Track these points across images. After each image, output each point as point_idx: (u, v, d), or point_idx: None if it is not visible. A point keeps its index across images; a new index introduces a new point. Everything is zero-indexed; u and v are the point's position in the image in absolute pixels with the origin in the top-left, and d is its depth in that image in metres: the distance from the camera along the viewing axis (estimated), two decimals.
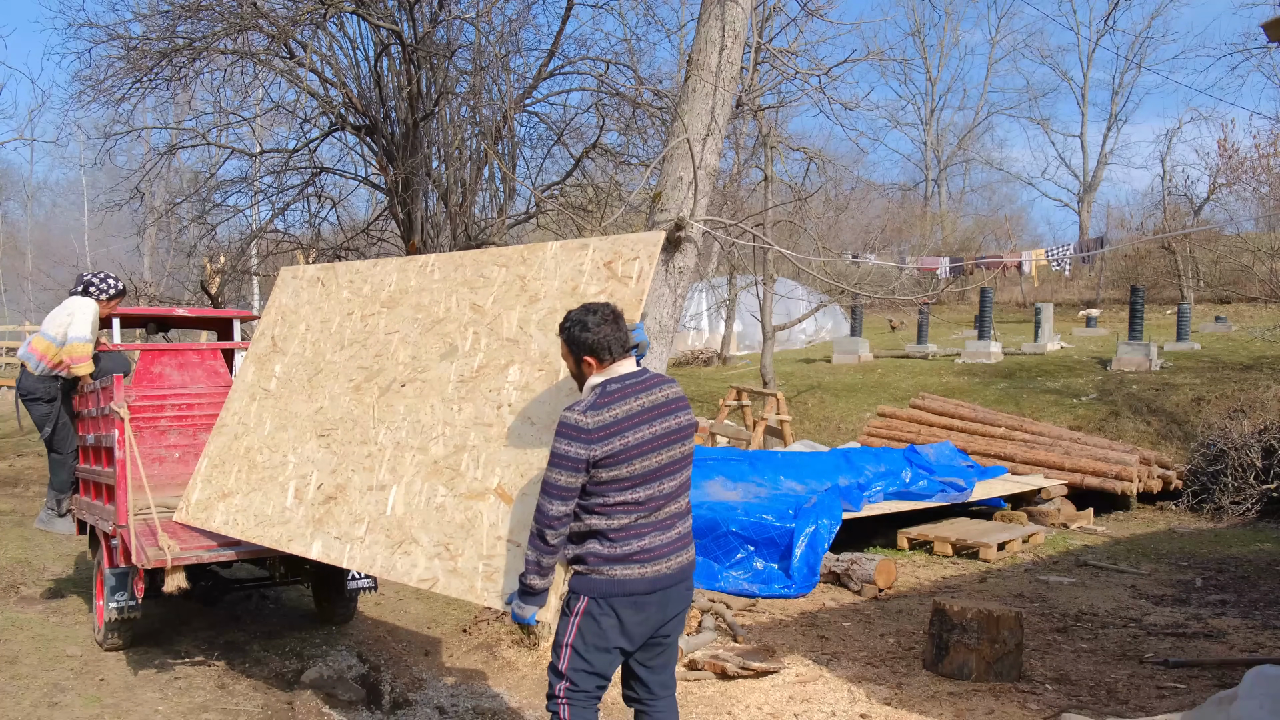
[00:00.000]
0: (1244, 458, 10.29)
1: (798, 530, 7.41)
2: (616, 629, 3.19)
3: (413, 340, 4.39)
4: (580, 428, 3.08)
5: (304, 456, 4.58)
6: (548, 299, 3.91)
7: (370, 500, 4.16)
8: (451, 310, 4.29)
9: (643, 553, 3.18)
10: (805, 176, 15.84)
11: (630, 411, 3.15)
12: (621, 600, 3.17)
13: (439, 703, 4.78)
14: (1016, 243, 34.30)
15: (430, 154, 12.16)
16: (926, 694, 5.03)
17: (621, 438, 3.11)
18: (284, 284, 5.38)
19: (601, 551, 3.17)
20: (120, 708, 4.68)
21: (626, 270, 3.73)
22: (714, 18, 5.61)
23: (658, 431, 3.19)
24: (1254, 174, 23.65)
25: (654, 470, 3.19)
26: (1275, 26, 4.56)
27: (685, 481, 3.34)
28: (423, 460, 4.04)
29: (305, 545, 4.33)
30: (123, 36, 11.49)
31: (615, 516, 3.16)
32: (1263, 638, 6.12)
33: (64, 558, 7.82)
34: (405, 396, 4.26)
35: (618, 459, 3.11)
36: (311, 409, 4.69)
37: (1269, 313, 20.37)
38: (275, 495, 4.61)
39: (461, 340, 4.16)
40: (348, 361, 4.66)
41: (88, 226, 33.75)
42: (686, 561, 3.30)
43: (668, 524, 3.25)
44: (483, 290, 4.20)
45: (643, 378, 3.25)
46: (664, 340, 5.72)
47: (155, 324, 7.42)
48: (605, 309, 3.27)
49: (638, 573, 3.17)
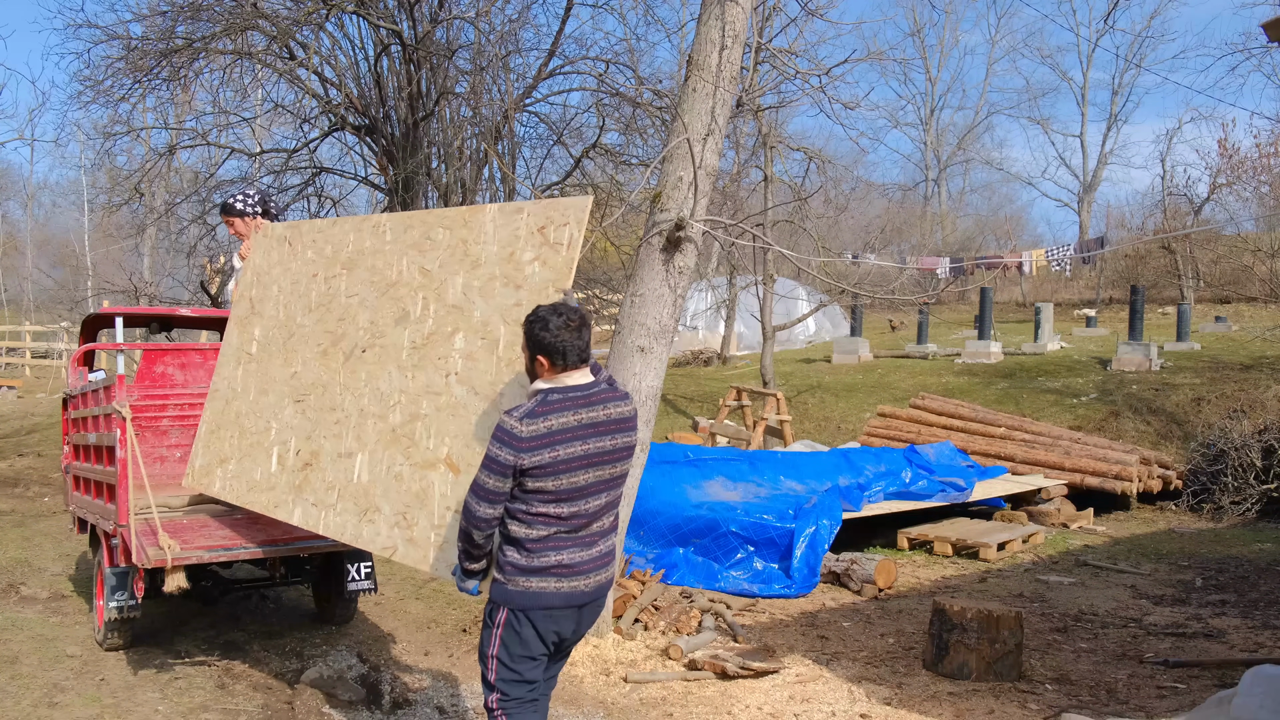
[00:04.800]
0: (1244, 458, 10.29)
1: (798, 530, 7.41)
2: (536, 638, 3.23)
3: (370, 304, 4.39)
4: (513, 434, 3.08)
5: (284, 422, 4.63)
6: (487, 264, 3.89)
7: (340, 467, 4.22)
8: (403, 274, 4.27)
9: (560, 567, 3.19)
10: (805, 176, 15.83)
11: (566, 425, 3.13)
12: (537, 613, 3.20)
13: (439, 703, 4.78)
14: (1016, 243, 34.31)
15: (430, 154, 12.17)
16: (926, 694, 5.03)
17: (552, 450, 3.10)
18: (258, 244, 5.35)
19: (519, 561, 3.18)
20: (120, 708, 4.68)
21: (558, 236, 3.68)
22: (714, 18, 5.61)
23: (590, 450, 3.16)
24: (1254, 174, 23.67)
25: (580, 488, 3.17)
26: (1275, 26, 4.56)
27: (614, 500, 3.34)
28: (383, 428, 4.08)
29: (288, 512, 4.41)
30: (122, 37, 11.49)
31: (536, 527, 3.16)
32: (1263, 638, 6.12)
33: (64, 558, 7.82)
34: (366, 362, 4.29)
35: (545, 471, 3.10)
36: (287, 374, 4.72)
37: (1269, 313, 20.38)
38: (262, 461, 4.68)
39: (413, 305, 4.17)
40: (315, 325, 4.67)
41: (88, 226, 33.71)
42: (605, 580, 3.32)
43: (589, 541, 3.25)
44: (430, 253, 4.17)
45: (590, 392, 3.21)
46: (664, 340, 5.73)
47: (157, 324, 7.42)
48: (574, 314, 3.23)
49: (554, 586, 3.18)
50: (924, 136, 43.58)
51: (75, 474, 6.68)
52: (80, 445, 6.52)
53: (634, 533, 7.66)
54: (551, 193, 12.79)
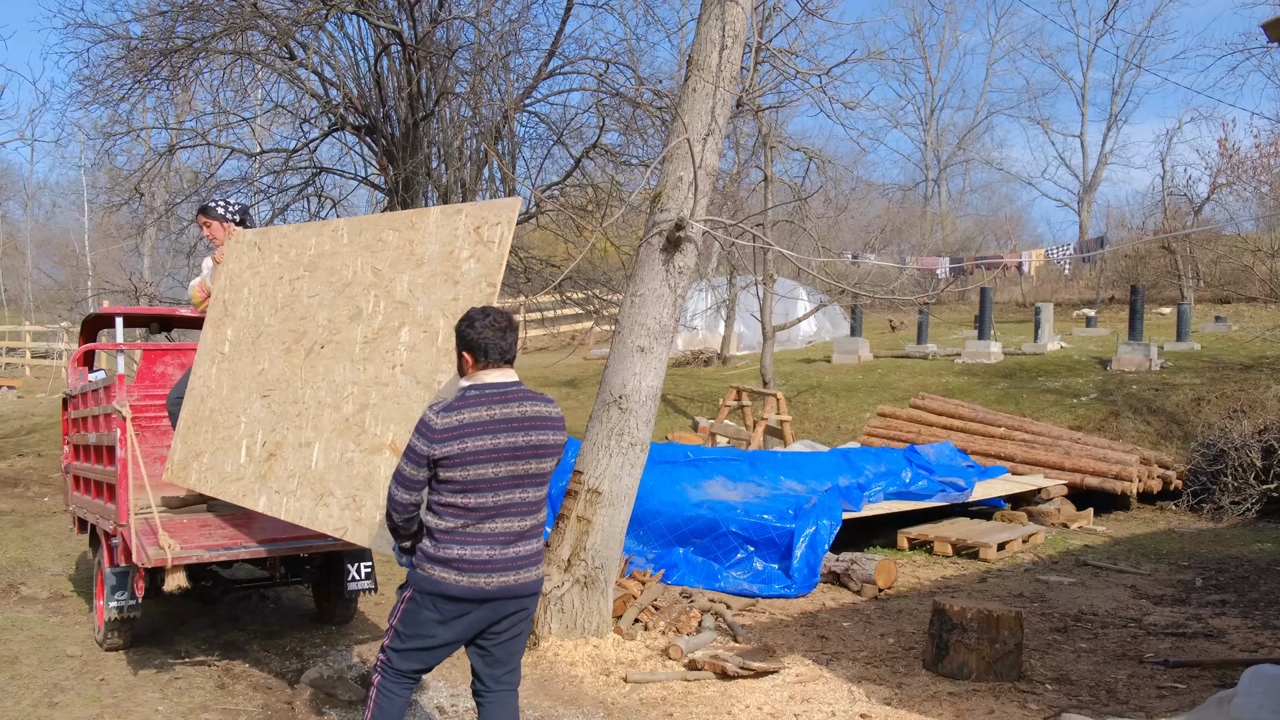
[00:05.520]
0: (1244, 458, 10.29)
1: (798, 530, 7.41)
2: (435, 622, 3.37)
3: (328, 303, 4.68)
4: (430, 425, 3.28)
5: (252, 416, 4.90)
6: (430, 263, 4.21)
7: (300, 456, 4.52)
8: (357, 274, 4.57)
9: (462, 561, 3.31)
10: (805, 176, 15.82)
11: (478, 419, 3.29)
12: (437, 599, 3.34)
13: (439, 703, 4.78)
14: (1016, 243, 34.28)
15: (430, 154, 12.16)
16: (926, 694, 5.03)
17: (461, 442, 3.26)
18: (231, 250, 5.59)
19: (428, 549, 3.36)
20: (120, 708, 4.68)
21: (490, 235, 4.01)
22: (714, 18, 5.61)
23: (501, 444, 3.30)
24: (1254, 174, 23.67)
25: (489, 480, 3.30)
26: (1275, 26, 4.56)
27: (533, 501, 3.42)
28: (337, 418, 4.38)
29: (255, 500, 4.69)
30: (122, 37, 11.49)
31: (444, 517, 3.33)
32: (1263, 638, 6.12)
33: (64, 558, 7.82)
34: (324, 357, 4.58)
35: (454, 462, 3.26)
36: (255, 370, 4.99)
37: (1269, 313, 20.37)
38: (232, 453, 4.94)
39: (365, 303, 4.48)
40: (280, 324, 4.94)
41: (88, 226, 33.70)
42: (515, 582, 3.38)
43: (503, 540, 3.35)
44: (381, 254, 4.48)
45: (507, 390, 3.38)
46: (664, 340, 5.73)
47: (157, 324, 7.42)
48: (501, 316, 3.41)
49: (454, 578, 3.31)
50: (924, 136, 43.56)
51: (75, 474, 6.68)
52: (80, 445, 6.53)
53: (634, 533, 7.66)
54: (552, 193, 12.79)
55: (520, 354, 24.05)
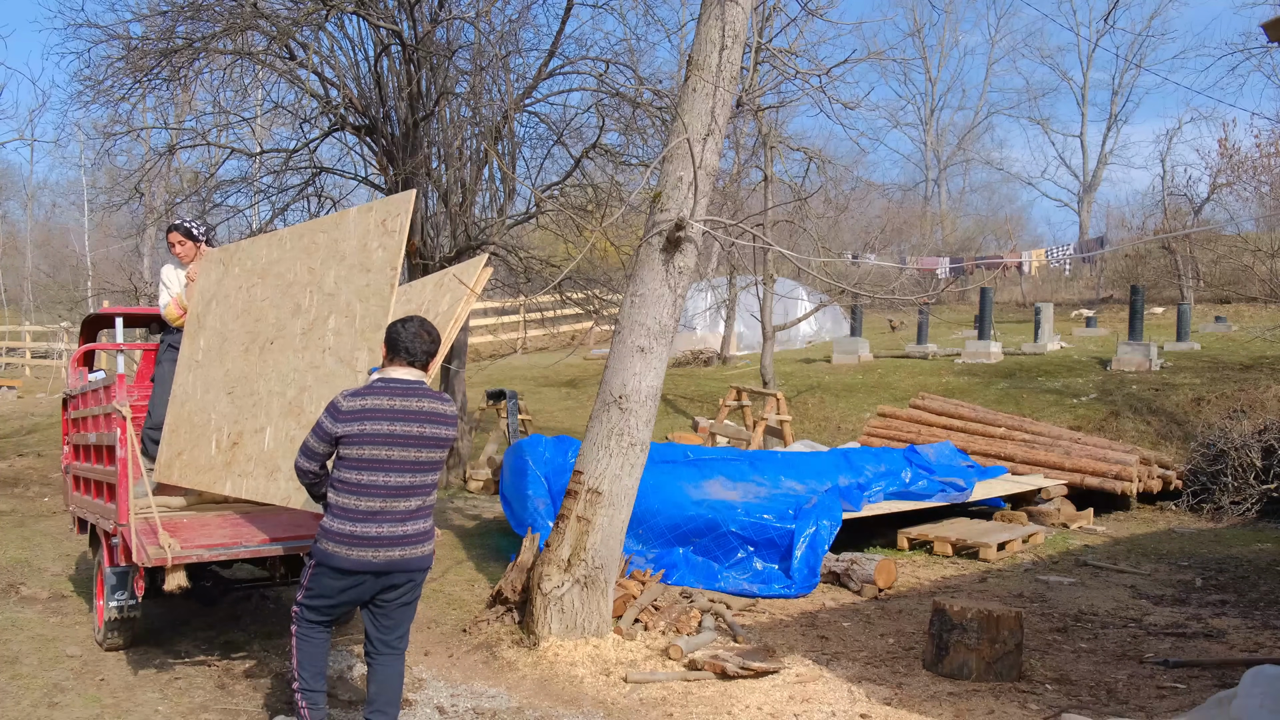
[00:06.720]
0: (1244, 458, 10.29)
1: (798, 530, 7.41)
2: (330, 587, 3.92)
3: (276, 303, 5.24)
4: (337, 406, 3.84)
5: (220, 413, 5.39)
6: (350, 256, 4.82)
7: (256, 441, 5.04)
8: (298, 275, 5.15)
9: (351, 538, 3.82)
10: (805, 176, 15.81)
11: (378, 406, 3.82)
12: (330, 570, 3.87)
13: (439, 703, 4.78)
14: (1016, 243, 34.30)
15: (430, 154, 12.14)
16: (926, 694, 5.03)
17: (360, 424, 3.79)
18: (203, 269, 6.06)
19: (326, 524, 3.87)
20: (120, 708, 4.68)
21: (393, 225, 4.63)
22: (714, 18, 5.61)
23: (395, 431, 3.82)
24: (1254, 174, 23.66)
25: (381, 461, 3.81)
26: (1275, 26, 4.56)
27: (423, 486, 3.92)
28: (283, 403, 4.94)
29: (223, 486, 5.17)
30: (122, 37, 11.48)
31: (341, 494, 3.84)
32: (1263, 638, 6.12)
33: (64, 558, 7.82)
34: (274, 352, 5.13)
35: (351, 440, 3.80)
36: (222, 372, 5.49)
37: (1269, 313, 20.37)
38: (205, 448, 5.41)
39: (303, 299, 5.05)
40: (240, 328, 5.47)
41: (88, 226, 33.67)
42: (399, 558, 3.87)
43: (394, 519, 3.85)
44: (315, 254, 5.06)
45: (409, 386, 3.90)
46: (664, 340, 5.72)
47: (157, 324, 7.41)
48: (428, 327, 3.95)
49: (344, 552, 3.83)
50: (924, 136, 43.60)
51: (75, 474, 6.68)
52: (80, 445, 6.53)
53: (634, 532, 7.65)
54: (551, 193, 12.78)
55: (520, 354, 23.90)
